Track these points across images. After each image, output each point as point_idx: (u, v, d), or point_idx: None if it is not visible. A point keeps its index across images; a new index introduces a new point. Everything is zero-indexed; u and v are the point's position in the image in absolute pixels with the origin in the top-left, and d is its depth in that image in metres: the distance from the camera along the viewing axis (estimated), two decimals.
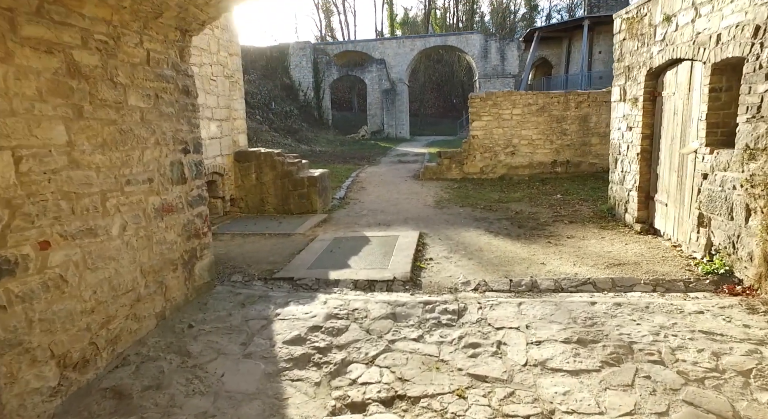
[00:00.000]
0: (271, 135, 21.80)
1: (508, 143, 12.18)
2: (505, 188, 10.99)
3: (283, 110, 26.30)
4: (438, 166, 12.68)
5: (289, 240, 7.16)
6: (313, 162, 16.75)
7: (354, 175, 13.58)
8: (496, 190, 10.77)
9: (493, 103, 12.06)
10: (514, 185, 11.23)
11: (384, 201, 10.16)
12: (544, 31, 32.26)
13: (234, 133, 9.04)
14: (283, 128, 24.03)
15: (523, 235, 6.87)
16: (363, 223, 8.17)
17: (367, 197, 10.75)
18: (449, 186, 11.59)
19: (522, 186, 11.04)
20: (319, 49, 32.73)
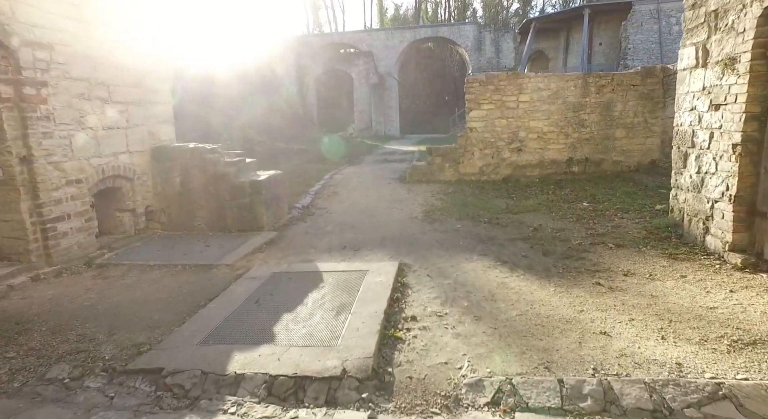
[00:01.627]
0: (243, 132, 19.31)
1: (513, 137, 9.83)
2: (513, 193, 8.62)
3: (260, 105, 23.79)
4: (428, 166, 10.30)
5: (206, 277, 4.74)
6: (283, 161, 14.32)
7: (328, 177, 11.16)
8: (502, 196, 8.40)
9: (495, 88, 9.71)
10: (522, 190, 8.87)
11: (358, 211, 7.77)
12: (541, 22, 29.99)
13: (152, 122, 6.59)
14: (260, 124, 21.53)
15: (554, 268, 4.51)
16: (323, 246, 5.77)
17: (338, 205, 8.34)
18: (442, 191, 9.22)
19: (533, 191, 8.68)
20: (303, 42, 30.23)
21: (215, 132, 18.01)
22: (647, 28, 25.42)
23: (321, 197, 9.11)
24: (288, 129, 24.03)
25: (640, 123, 9.35)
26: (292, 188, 9.44)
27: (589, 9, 26.84)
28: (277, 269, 4.82)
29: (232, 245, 5.77)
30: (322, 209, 8.05)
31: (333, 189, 9.78)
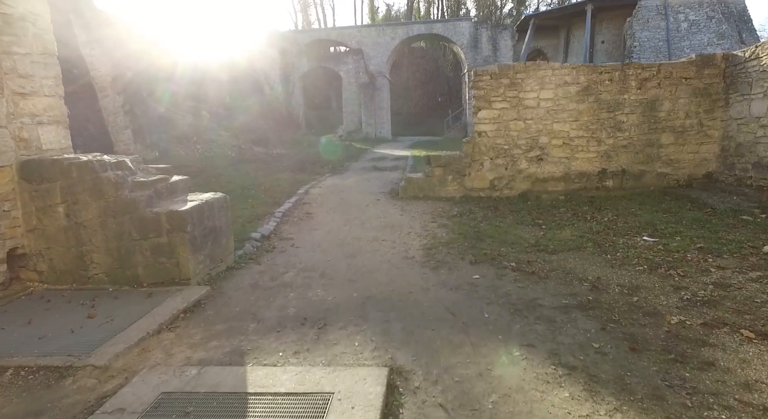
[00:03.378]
0: (218, 134, 17.10)
1: (532, 143, 7.80)
2: (538, 216, 6.57)
3: (239, 106, 21.56)
4: (426, 178, 8.22)
5: (37, 407, 2.61)
6: (254, 170, 12.13)
7: (303, 191, 9.02)
8: (524, 221, 6.33)
9: (510, 82, 7.66)
10: (548, 211, 6.81)
11: (335, 245, 5.67)
12: (540, 19, 28.12)
13: (20, 122, 4.42)
14: (237, 127, 19.32)
15: (669, 392, 2.45)
16: (272, 316, 3.66)
17: (309, 234, 6.23)
18: (445, 212, 7.15)
19: (563, 213, 6.64)
20: (288, 38, 28.04)
21: (183, 134, 15.81)
22: (654, 25, 23.62)
23: (289, 221, 6.99)
24: (270, 131, 21.84)
25: (693, 126, 7.36)
26: (253, 210, 7.32)
27: (592, 5, 25.01)
28: (172, 383, 2.70)
29: (128, 315, 3.64)
30: (287, 241, 5.93)
31: (307, 209, 7.66)
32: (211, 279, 4.55)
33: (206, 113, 18.46)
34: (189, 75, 18.76)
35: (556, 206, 7.15)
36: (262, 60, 26.37)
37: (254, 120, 21.55)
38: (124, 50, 13.98)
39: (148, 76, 15.91)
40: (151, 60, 16.45)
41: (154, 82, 16.17)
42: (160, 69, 16.76)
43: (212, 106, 19.50)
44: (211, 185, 9.02)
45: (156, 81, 16.36)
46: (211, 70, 21.14)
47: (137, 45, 16.05)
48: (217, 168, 12.07)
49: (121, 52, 13.63)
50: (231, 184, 9.25)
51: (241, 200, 7.92)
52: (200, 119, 17.83)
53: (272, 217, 7.04)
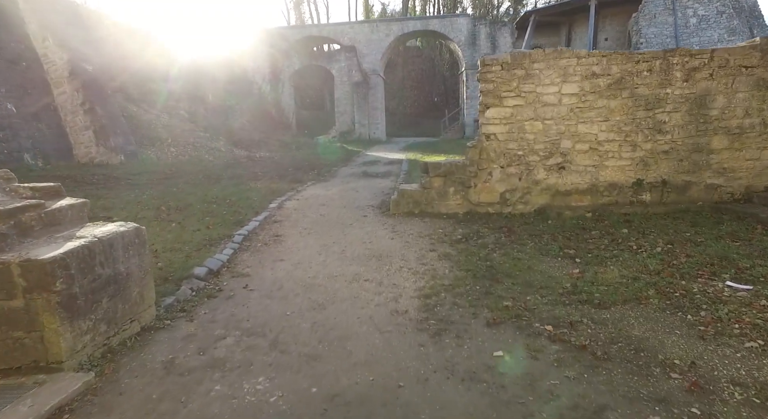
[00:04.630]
0: (196, 136, 15.55)
1: (552, 148, 6.32)
2: (565, 241, 5.07)
3: (222, 105, 20.00)
4: (423, 191, 6.72)
5: None
6: (228, 177, 10.46)
7: (276, 205, 7.49)
8: (551, 250, 4.81)
9: (525, 73, 6.18)
10: (576, 235, 5.32)
11: (301, 288, 4.16)
12: (541, 15, 26.70)
13: None
14: (218, 128, 17.77)
15: None
16: None
17: (270, 270, 4.70)
18: (446, 234, 5.66)
19: (597, 238, 5.14)
20: (277, 35, 26.50)
21: (156, 136, 14.25)
22: (661, 21, 22.23)
23: (251, 247, 5.47)
24: (256, 133, 20.29)
25: (754, 126, 5.90)
26: (208, 232, 5.80)
27: (596, 0, 23.62)
28: None
29: None
30: (241, 279, 4.42)
31: (276, 230, 6.14)
32: (110, 353, 3.04)
33: (185, 113, 16.90)
34: (168, 71, 17.17)
35: (584, 226, 5.67)
36: (250, 58, 24.80)
37: (239, 121, 20.00)
38: (86, 40, 12.41)
39: (116, 71, 14.34)
40: (120, 53, 14.87)
41: (123, 78, 14.60)
42: (131, 63, 15.17)
43: (193, 105, 17.93)
44: (165, 199, 7.49)
45: (126, 77, 14.78)
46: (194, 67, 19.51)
47: (104, 35, 14.47)
48: (187, 174, 10.53)
49: (81, 43, 12.06)
50: (191, 196, 7.72)
51: (196, 218, 6.40)
52: (178, 119, 16.27)
53: (230, 242, 5.51)
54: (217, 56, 21.76)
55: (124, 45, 15.49)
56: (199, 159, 13.48)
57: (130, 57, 15.20)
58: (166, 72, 17.22)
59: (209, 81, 20.18)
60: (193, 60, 19.43)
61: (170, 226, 5.91)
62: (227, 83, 22.07)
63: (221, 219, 6.34)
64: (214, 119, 18.37)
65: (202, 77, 19.59)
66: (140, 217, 6.19)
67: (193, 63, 19.23)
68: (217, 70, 20.94)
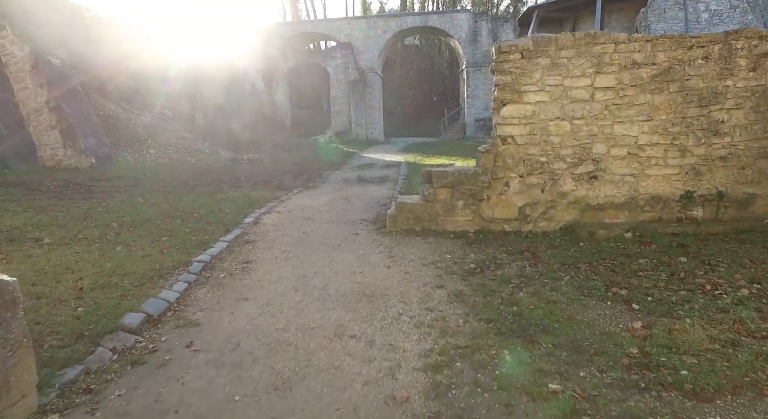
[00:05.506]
0: (180, 137, 14.37)
1: (582, 153, 5.18)
2: (610, 275, 3.91)
3: (211, 104, 18.80)
4: (426, 204, 5.57)
5: None
6: (205, 184, 9.13)
7: (252, 219, 6.32)
8: (593, 288, 3.66)
9: (551, 63, 5.04)
10: (621, 265, 4.17)
11: (263, 350, 3.00)
12: (545, 10, 25.53)
13: None
14: (205, 128, 16.58)
15: None
16: None
17: (227, 317, 3.54)
18: (456, 261, 4.52)
19: (648, 270, 3.99)
20: (271, 31, 25.32)
21: (135, 137, 13.08)
22: (671, 16, 21.10)
23: (211, 279, 4.30)
24: (246, 133, 19.08)
25: None
26: (161, 258, 4.64)
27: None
28: None
29: None
30: (184, 332, 3.27)
31: (247, 254, 4.98)
32: None
33: (168, 112, 15.70)
34: (149, 67, 15.95)
35: (627, 252, 4.52)
36: (242, 55, 23.59)
37: (228, 120, 18.80)
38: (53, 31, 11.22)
39: (90, 65, 13.15)
40: (95, 46, 13.66)
41: (97, 73, 13.41)
42: (107, 57, 13.97)
43: (178, 104, 16.72)
44: (122, 212, 6.32)
45: (101, 72, 13.59)
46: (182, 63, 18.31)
47: (75, 25, 13.25)
48: (160, 180, 9.37)
49: (47, 34, 10.87)
50: (153, 209, 6.55)
51: (151, 238, 5.23)
52: (160, 118, 15.07)
53: (185, 272, 4.36)
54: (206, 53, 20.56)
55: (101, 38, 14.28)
56: (180, 162, 12.32)
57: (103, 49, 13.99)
58: (151, 68, 16.01)
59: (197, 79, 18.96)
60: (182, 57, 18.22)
61: (114, 250, 4.75)
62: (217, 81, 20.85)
63: (181, 240, 5.18)
64: (201, 119, 17.18)
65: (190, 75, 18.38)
66: (80, 237, 5.03)
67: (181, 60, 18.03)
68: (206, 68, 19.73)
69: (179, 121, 15.80)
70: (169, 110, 15.66)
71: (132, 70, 15.16)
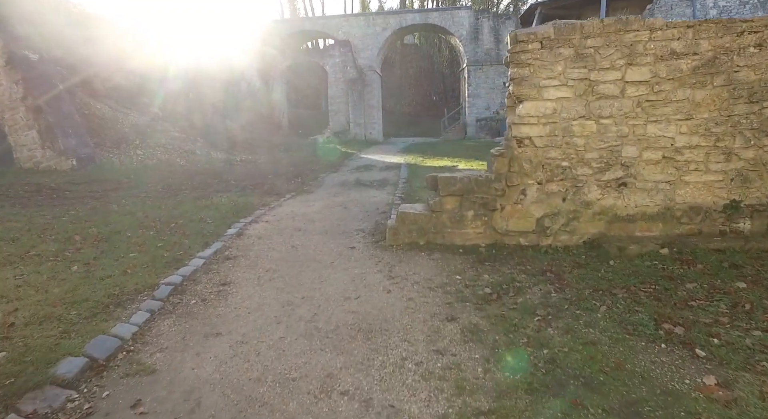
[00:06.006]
0: (170, 137, 13.66)
1: (610, 157, 4.50)
2: (657, 306, 3.23)
3: (205, 103, 18.08)
4: (432, 214, 4.88)
5: None
6: (193, 188, 8.35)
7: (236, 230, 5.61)
8: (640, 325, 2.97)
9: (575, 53, 4.37)
10: (664, 291, 3.50)
11: (230, 411, 2.33)
12: (548, 8, 24.85)
13: None
14: (198, 127, 15.87)
15: None
16: None
17: (190, 363, 2.84)
18: (468, 284, 3.83)
19: (699, 295, 3.32)
20: (268, 29, 24.60)
21: (122, 137, 12.38)
22: (678, 12, 20.43)
23: (180, 306, 3.61)
24: (241, 133, 18.37)
25: None
26: (124, 279, 3.97)
27: None
28: None
29: None
30: (134, 385, 2.57)
31: (224, 275, 4.28)
32: None
33: (158, 111, 14.98)
34: (141, 65, 15.25)
35: (669, 273, 3.84)
36: (238, 53, 22.86)
37: (223, 120, 18.10)
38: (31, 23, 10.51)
39: (74, 62, 12.45)
40: (77, 40, 12.95)
41: (83, 70, 12.70)
42: (92, 53, 13.26)
43: (170, 102, 16.00)
44: (90, 222, 5.63)
45: (85, 68, 12.88)
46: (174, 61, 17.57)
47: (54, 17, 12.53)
48: (143, 184, 8.68)
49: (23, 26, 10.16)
50: (127, 218, 5.85)
51: (116, 255, 4.54)
52: (149, 117, 14.35)
53: (150, 298, 3.67)
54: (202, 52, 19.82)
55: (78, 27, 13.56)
56: (168, 164, 11.62)
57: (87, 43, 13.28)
58: (142, 66, 15.29)
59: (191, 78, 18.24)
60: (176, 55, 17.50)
61: (68, 270, 4.05)
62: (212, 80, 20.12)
63: (151, 257, 4.48)
64: (194, 118, 16.46)
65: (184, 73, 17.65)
66: (31, 254, 4.34)
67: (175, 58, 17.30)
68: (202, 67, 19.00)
69: (171, 120, 15.09)
70: (159, 109, 14.95)
71: (122, 68, 14.45)
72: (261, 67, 23.76)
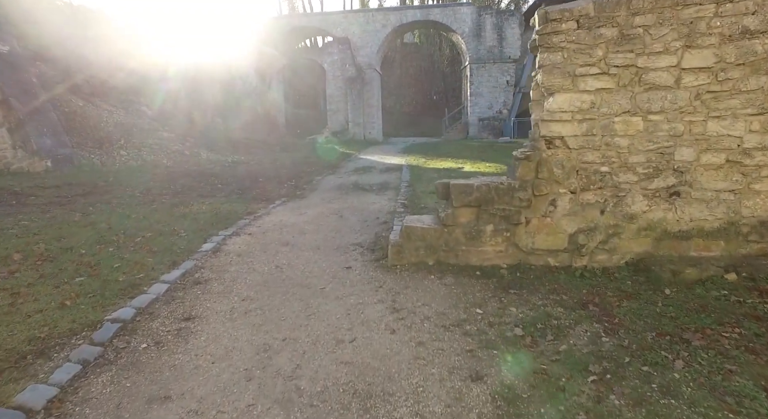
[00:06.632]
0: (158, 137, 12.81)
1: (660, 160, 3.68)
2: (752, 356, 2.45)
3: (198, 101, 17.21)
4: (443, 229, 4.05)
5: None
6: (169, 192, 7.29)
7: (213, 245, 4.78)
8: (744, 395, 2.19)
9: (619, 34, 3.56)
10: (754, 336, 2.69)
11: None
12: (552, 4, 24.01)
13: None
14: (189, 127, 15.01)
15: None
16: None
17: None
18: (492, 321, 3.00)
19: None
20: (265, 26, 23.75)
21: (106, 136, 11.53)
22: None
23: (124, 353, 2.77)
24: (234, 132, 17.53)
25: None
26: (59, 316, 3.11)
27: None
28: None
29: None
30: None
31: (189, 306, 3.44)
32: None
33: (146, 109, 14.11)
34: (124, 60, 14.38)
35: (751, 311, 3.01)
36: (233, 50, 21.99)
37: (214, 119, 17.23)
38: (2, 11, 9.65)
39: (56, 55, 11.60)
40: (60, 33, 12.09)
41: (62, 64, 11.85)
42: (77, 46, 12.41)
43: (158, 100, 15.15)
44: (40, 235, 4.78)
45: (67, 62, 12.04)
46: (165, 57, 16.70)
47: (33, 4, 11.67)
48: (121, 188, 7.84)
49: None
50: (86, 230, 5.01)
51: (60, 279, 3.70)
52: (136, 115, 13.50)
53: (86, 342, 2.84)
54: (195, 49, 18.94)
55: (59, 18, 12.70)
56: (153, 165, 10.78)
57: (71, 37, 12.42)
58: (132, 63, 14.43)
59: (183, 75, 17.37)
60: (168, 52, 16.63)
61: None
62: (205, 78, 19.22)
63: (101, 282, 3.65)
64: (185, 117, 15.60)
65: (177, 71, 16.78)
66: None
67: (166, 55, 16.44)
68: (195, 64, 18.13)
69: (160, 119, 14.23)
70: (146, 107, 14.10)
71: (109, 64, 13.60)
72: (258, 65, 22.90)
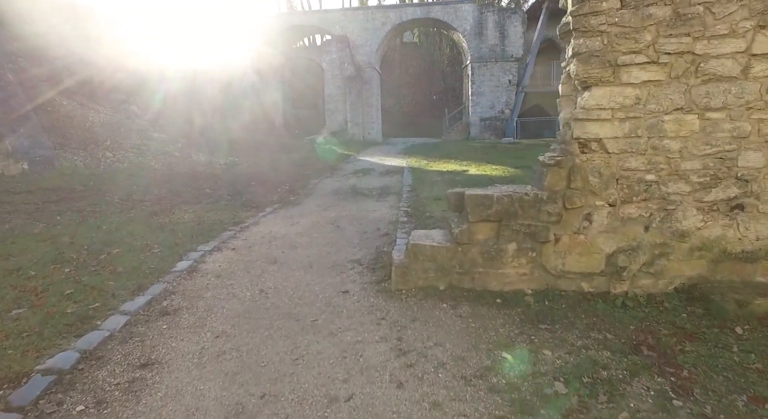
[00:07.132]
0: (147, 137, 12.14)
1: (719, 167, 3.06)
2: None
3: (192, 101, 16.53)
4: (458, 248, 3.41)
5: None
6: (152, 198, 6.55)
7: (189, 263, 4.13)
8: None
9: (673, 14, 2.93)
10: None
11: None
12: (556, 3, 23.38)
13: None
14: (182, 127, 14.35)
15: None
16: None
17: None
18: (522, 375, 2.38)
19: None
20: (262, 24, 23.08)
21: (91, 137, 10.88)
22: None
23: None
24: (230, 133, 16.87)
25: None
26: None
27: None
28: None
29: None
30: None
31: (149, 347, 2.79)
32: None
33: (136, 109, 13.44)
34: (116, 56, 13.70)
35: None
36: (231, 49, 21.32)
37: (208, 120, 16.55)
38: None
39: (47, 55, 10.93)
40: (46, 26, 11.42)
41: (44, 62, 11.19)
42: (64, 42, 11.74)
43: (150, 99, 14.48)
44: (7, 246, 4.13)
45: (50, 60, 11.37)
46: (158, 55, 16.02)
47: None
48: (100, 193, 7.19)
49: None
50: (43, 244, 4.35)
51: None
52: (124, 115, 12.82)
53: (1, 406, 2.19)
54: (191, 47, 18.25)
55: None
56: (139, 168, 10.12)
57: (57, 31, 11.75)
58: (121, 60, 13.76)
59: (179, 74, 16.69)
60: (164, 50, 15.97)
61: None
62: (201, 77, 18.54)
63: (43, 316, 3.00)
64: (181, 118, 14.93)
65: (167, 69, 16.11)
66: None
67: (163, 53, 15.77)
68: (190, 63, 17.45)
69: (153, 120, 13.57)
70: (136, 107, 13.43)
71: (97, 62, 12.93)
72: (256, 65, 22.25)
